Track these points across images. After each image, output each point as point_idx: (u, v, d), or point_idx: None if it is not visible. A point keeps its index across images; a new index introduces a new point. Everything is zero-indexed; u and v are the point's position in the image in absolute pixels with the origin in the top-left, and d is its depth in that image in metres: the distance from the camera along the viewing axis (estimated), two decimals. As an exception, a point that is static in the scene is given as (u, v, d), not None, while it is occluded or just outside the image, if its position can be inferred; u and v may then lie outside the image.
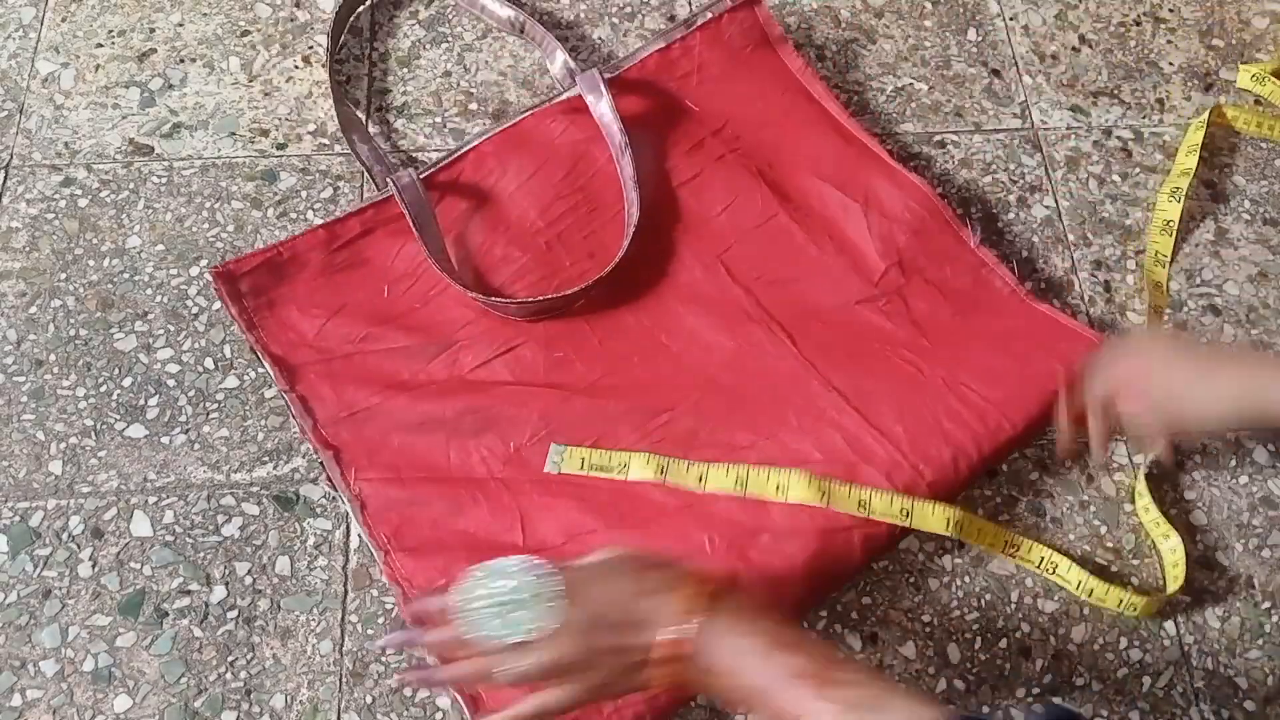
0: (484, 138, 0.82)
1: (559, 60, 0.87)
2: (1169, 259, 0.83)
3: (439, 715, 0.66)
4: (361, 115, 0.86)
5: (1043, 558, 0.71)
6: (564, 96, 0.84)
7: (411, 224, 0.76)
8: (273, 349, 0.74)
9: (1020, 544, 0.72)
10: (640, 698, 0.63)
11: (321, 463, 0.71)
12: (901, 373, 0.74)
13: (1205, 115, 0.89)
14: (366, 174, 0.82)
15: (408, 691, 0.67)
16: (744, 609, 0.52)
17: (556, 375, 0.75)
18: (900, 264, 0.79)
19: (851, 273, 0.79)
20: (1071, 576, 0.71)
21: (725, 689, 0.51)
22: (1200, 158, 0.87)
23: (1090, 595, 0.71)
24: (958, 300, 0.78)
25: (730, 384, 0.75)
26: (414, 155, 0.85)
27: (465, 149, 0.82)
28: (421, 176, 0.79)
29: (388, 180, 0.78)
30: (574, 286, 0.76)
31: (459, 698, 0.64)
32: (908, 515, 0.68)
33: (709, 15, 0.87)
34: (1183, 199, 0.84)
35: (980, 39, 0.95)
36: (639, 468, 0.71)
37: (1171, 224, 0.84)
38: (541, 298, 0.76)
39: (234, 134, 0.85)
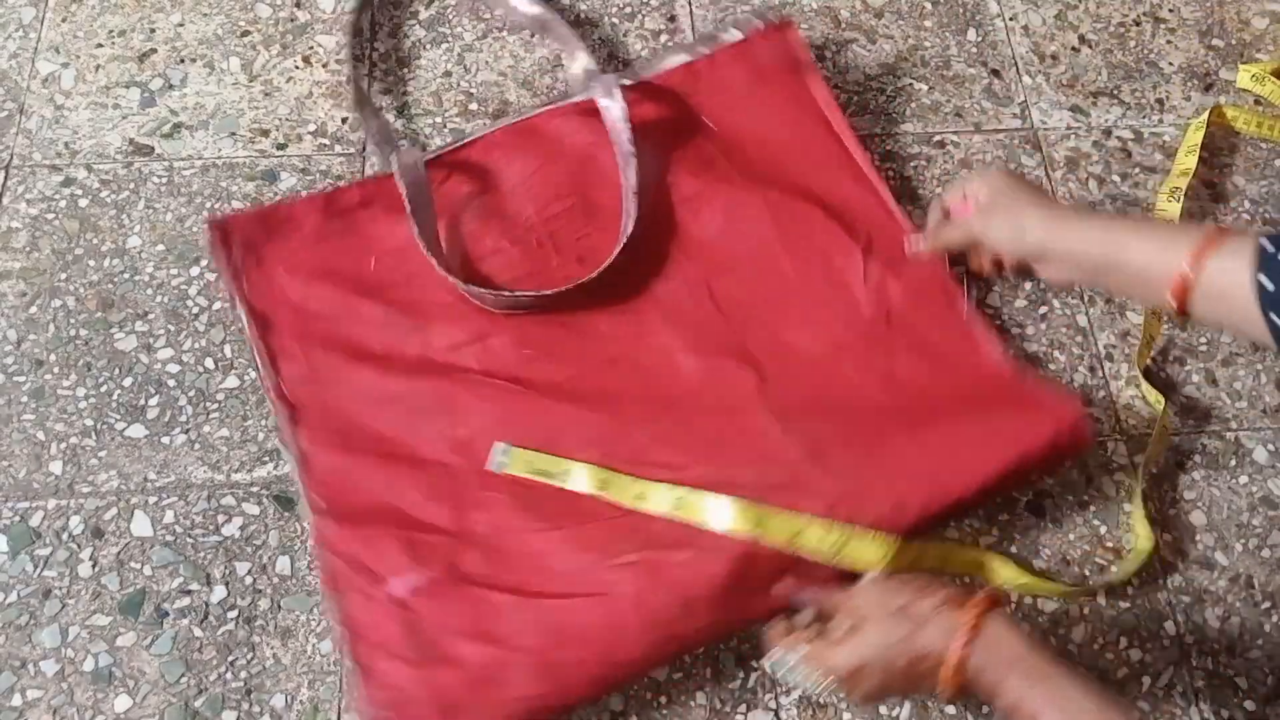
0: (496, 128, 0.83)
1: (580, 62, 0.87)
2: None
3: (439, 715, 0.67)
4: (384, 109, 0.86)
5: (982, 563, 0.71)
6: (580, 98, 0.84)
7: (406, 202, 0.77)
8: (253, 301, 0.75)
9: (965, 558, 0.72)
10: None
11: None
12: (863, 426, 0.72)
13: (1205, 115, 0.89)
14: (375, 148, 0.82)
15: (408, 691, 0.67)
16: (1005, 632, 0.56)
17: (522, 371, 0.75)
18: (888, 318, 0.77)
19: (836, 317, 0.77)
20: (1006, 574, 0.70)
21: (994, 705, 0.57)
22: (1200, 158, 0.87)
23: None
24: (938, 366, 0.75)
25: (689, 408, 0.74)
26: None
27: (476, 137, 0.82)
28: (428, 158, 0.80)
29: (390, 156, 0.78)
30: (556, 287, 0.76)
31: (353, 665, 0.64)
32: (839, 550, 0.66)
33: (739, 35, 0.87)
34: (1182, 199, 0.84)
35: (980, 39, 0.95)
36: (581, 478, 0.70)
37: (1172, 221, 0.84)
38: (518, 293, 0.76)
39: (234, 134, 0.85)
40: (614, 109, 0.81)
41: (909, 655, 0.57)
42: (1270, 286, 0.55)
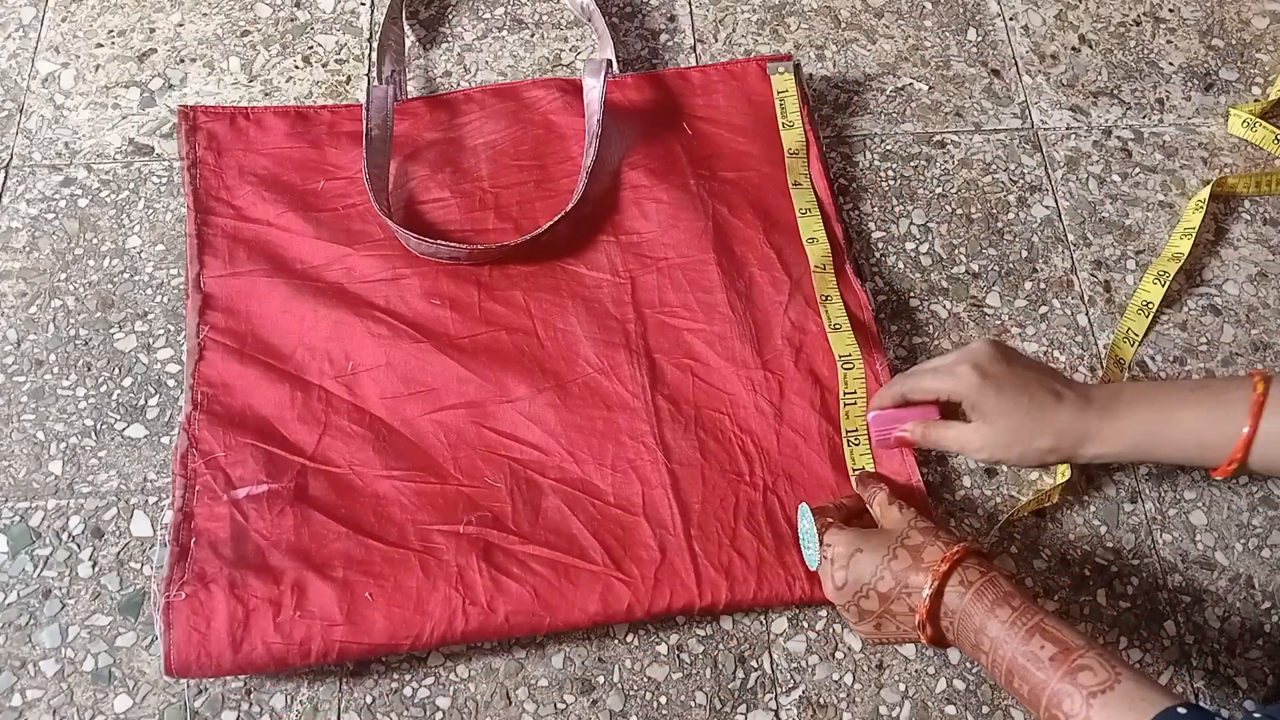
0: (478, 86, 0.86)
1: (605, 54, 0.87)
2: (1139, 340, 0.80)
3: (438, 715, 0.67)
4: (409, 38, 0.90)
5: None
6: (571, 76, 0.86)
7: (364, 133, 0.79)
8: (199, 191, 0.79)
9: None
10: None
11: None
12: (731, 462, 0.73)
13: (1205, 191, 0.85)
14: (377, 72, 0.84)
15: (407, 691, 0.67)
16: (979, 577, 0.57)
17: (425, 320, 0.76)
18: (797, 354, 0.76)
19: (746, 341, 0.77)
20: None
21: (970, 652, 0.57)
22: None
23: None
24: (818, 426, 0.74)
25: (574, 396, 0.74)
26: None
27: (456, 90, 0.86)
28: (405, 100, 0.85)
29: (368, 89, 0.81)
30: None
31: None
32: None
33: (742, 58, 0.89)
34: (1167, 284, 0.81)
35: (980, 39, 0.95)
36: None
37: (1150, 306, 0.81)
38: (440, 242, 0.76)
39: (234, 134, 0.85)
40: (595, 89, 0.82)
41: (887, 586, 0.59)
42: None
